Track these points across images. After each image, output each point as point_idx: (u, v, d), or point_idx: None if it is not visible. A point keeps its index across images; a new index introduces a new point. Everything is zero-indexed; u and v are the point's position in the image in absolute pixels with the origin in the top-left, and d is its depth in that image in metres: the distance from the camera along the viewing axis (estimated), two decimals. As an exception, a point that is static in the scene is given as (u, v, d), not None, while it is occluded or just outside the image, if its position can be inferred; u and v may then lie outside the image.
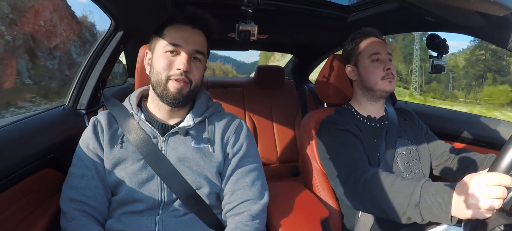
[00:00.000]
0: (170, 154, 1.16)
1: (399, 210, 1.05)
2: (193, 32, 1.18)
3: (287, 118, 2.83)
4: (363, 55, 1.49)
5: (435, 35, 1.62)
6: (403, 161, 1.43)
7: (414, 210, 1.01)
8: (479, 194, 0.86)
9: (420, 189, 1.01)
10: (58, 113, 1.55)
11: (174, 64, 1.13)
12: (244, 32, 1.31)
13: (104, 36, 1.74)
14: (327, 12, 1.84)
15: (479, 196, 0.86)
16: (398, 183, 1.09)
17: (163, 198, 1.13)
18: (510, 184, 0.83)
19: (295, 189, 1.49)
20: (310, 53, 3.11)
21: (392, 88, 1.46)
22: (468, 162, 1.42)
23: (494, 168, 0.87)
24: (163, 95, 1.15)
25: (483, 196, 0.85)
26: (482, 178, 0.87)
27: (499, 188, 0.84)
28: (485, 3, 0.91)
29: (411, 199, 1.02)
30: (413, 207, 1.01)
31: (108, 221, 1.14)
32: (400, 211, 1.05)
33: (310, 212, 1.34)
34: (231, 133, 1.25)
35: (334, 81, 1.64)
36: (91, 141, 1.16)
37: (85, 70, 1.69)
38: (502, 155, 0.85)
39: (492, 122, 1.78)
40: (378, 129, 1.48)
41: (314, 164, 1.51)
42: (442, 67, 1.68)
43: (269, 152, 2.67)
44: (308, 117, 1.63)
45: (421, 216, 1.00)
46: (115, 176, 1.14)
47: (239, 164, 1.22)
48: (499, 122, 1.76)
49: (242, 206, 1.16)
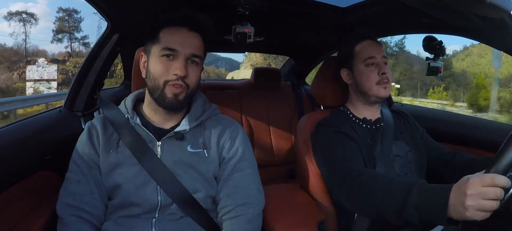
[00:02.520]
0: (166, 158, 1.15)
1: (395, 211, 1.04)
2: (190, 35, 1.16)
3: (284, 120, 2.82)
4: (358, 59, 1.48)
5: (432, 37, 1.62)
6: (399, 163, 1.43)
7: (410, 210, 1.00)
8: (476, 195, 0.85)
9: (417, 189, 1.01)
10: (54, 116, 1.55)
11: (170, 69, 1.11)
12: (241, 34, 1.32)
13: (100, 38, 1.73)
14: (323, 13, 1.84)
15: (476, 197, 0.85)
16: (394, 183, 1.08)
17: (160, 202, 1.13)
18: (507, 185, 0.83)
19: (291, 192, 1.49)
20: (306, 55, 3.12)
21: (387, 94, 1.45)
22: (464, 164, 1.42)
23: (490, 169, 0.86)
24: (160, 100, 1.14)
25: (480, 197, 0.85)
26: (479, 179, 0.86)
27: (496, 189, 0.84)
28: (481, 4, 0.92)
29: (408, 200, 1.01)
30: (409, 208, 1.00)
31: (105, 224, 1.14)
32: (396, 212, 1.04)
33: (307, 215, 1.34)
34: (227, 137, 1.24)
35: (330, 83, 1.64)
36: (87, 147, 1.16)
37: (81, 72, 1.69)
38: (499, 156, 0.85)
39: (488, 124, 1.79)
40: (374, 131, 1.47)
41: (310, 166, 1.51)
42: (438, 70, 1.68)
43: (266, 154, 2.67)
44: (304, 119, 1.62)
45: (418, 217, 1.00)
46: (111, 181, 1.14)
47: (235, 168, 1.21)
48: (495, 124, 1.77)
49: (237, 209, 1.15)
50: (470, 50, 46.19)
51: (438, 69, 1.68)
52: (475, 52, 44.67)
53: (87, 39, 38.59)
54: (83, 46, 38.46)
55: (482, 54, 43.25)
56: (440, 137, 1.63)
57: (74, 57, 35.83)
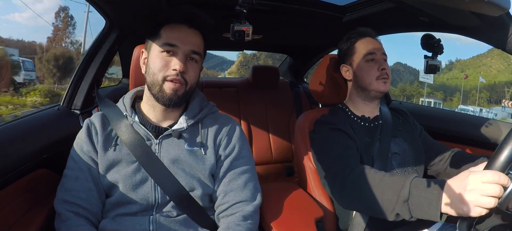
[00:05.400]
0: (164, 156, 1.16)
1: (388, 206, 1.04)
2: (190, 32, 1.17)
3: (282, 118, 2.83)
4: (358, 55, 1.49)
5: (430, 35, 1.62)
6: (397, 161, 1.43)
7: (402, 206, 1.00)
8: (476, 191, 0.86)
9: (409, 184, 1.01)
10: (52, 114, 1.55)
11: (170, 65, 1.12)
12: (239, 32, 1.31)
13: (98, 36, 1.73)
14: (322, 12, 1.84)
15: (476, 193, 0.86)
16: (386, 179, 1.09)
17: (157, 199, 1.14)
18: (507, 182, 0.83)
19: (289, 189, 1.49)
20: (305, 53, 3.12)
21: (387, 89, 1.46)
22: (462, 162, 1.43)
23: (490, 165, 0.87)
24: (158, 96, 1.14)
25: (480, 193, 0.85)
26: (480, 175, 0.86)
27: (496, 186, 0.84)
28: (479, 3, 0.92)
29: (400, 195, 1.01)
30: (402, 203, 1.01)
31: (102, 221, 1.14)
32: (389, 208, 1.04)
33: (305, 212, 1.34)
34: (223, 135, 1.24)
35: (328, 81, 1.64)
36: (85, 144, 1.16)
37: (80, 70, 1.69)
38: (499, 153, 0.85)
39: (486, 122, 1.79)
40: (372, 128, 1.48)
41: (308, 163, 1.51)
42: (436, 68, 1.68)
43: (264, 152, 2.67)
44: (302, 117, 1.62)
45: (410, 213, 1.00)
46: (109, 178, 1.14)
47: (232, 166, 1.22)
48: (494, 122, 1.77)
49: (234, 207, 1.16)
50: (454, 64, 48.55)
51: (437, 67, 1.68)
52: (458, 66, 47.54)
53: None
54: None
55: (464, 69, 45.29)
56: (438, 135, 1.63)
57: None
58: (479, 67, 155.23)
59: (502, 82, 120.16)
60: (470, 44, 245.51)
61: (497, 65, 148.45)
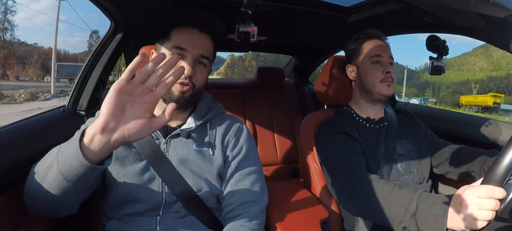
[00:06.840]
0: (172, 156, 1.16)
1: (396, 218, 1.06)
2: (201, 36, 1.17)
3: (287, 119, 2.83)
4: (365, 56, 1.49)
5: (435, 37, 1.61)
6: (403, 162, 1.43)
7: (410, 220, 1.02)
8: (472, 206, 0.87)
9: (417, 199, 1.02)
10: (58, 115, 1.55)
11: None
12: (244, 33, 1.31)
13: (104, 37, 1.74)
14: (327, 13, 1.84)
15: (472, 208, 0.87)
16: (395, 192, 1.10)
17: (164, 199, 1.13)
18: (503, 196, 0.84)
19: (294, 190, 1.49)
20: (310, 54, 3.12)
21: (390, 93, 1.46)
22: (470, 159, 1.41)
23: (487, 180, 0.87)
24: (165, 97, 1.14)
25: (476, 208, 0.87)
26: (475, 190, 0.88)
27: (491, 200, 0.85)
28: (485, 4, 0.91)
29: (408, 209, 1.03)
30: (409, 217, 1.02)
31: (110, 221, 1.14)
32: (396, 220, 1.06)
33: (310, 213, 1.34)
34: (231, 136, 1.25)
35: (334, 82, 1.64)
36: None
37: (85, 71, 1.70)
38: (495, 166, 0.85)
39: (492, 124, 1.78)
40: (377, 130, 1.48)
41: (313, 165, 1.51)
42: (441, 69, 1.67)
43: (269, 153, 2.67)
44: (307, 118, 1.63)
45: (417, 226, 1.01)
46: (116, 175, 1.13)
47: (239, 167, 1.22)
48: (500, 124, 1.76)
49: (241, 207, 1.16)
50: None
51: (441, 69, 1.67)
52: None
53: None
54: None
55: (448, 68, 45.92)
56: (444, 136, 1.62)
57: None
58: (463, 66, 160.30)
59: (474, 79, 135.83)
60: (457, 44, 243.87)
61: (480, 63, 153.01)
